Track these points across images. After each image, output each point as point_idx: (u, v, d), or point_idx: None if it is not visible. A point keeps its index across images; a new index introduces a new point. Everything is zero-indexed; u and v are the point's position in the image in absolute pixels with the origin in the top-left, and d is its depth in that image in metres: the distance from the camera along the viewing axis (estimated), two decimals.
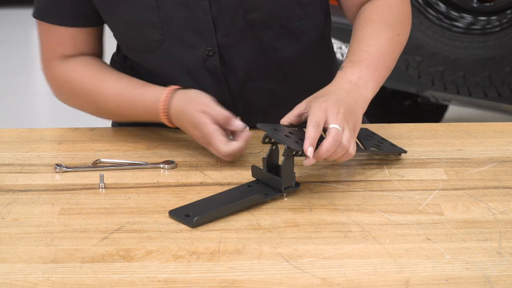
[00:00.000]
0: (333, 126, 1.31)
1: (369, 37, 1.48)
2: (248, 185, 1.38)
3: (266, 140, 1.36)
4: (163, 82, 1.59)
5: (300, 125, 1.38)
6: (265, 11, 1.54)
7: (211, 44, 1.55)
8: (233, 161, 1.46)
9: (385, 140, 1.53)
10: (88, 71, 1.59)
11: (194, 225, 1.26)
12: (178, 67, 1.58)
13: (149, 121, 1.56)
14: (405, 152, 1.50)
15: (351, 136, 1.33)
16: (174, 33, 1.54)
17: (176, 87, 1.51)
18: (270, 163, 1.37)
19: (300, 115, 1.37)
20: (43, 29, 1.63)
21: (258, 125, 1.34)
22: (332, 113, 1.32)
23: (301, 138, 1.32)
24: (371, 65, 1.44)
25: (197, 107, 1.45)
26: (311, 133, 1.30)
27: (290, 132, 1.34)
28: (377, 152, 1.48)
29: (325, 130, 1.32)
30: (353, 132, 1.35)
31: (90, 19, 1.59)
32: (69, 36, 1.61)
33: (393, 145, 1.52)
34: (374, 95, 1.44)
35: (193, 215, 1.28)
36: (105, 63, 1.64)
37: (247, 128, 1.44)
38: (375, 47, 1.46)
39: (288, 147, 1.31)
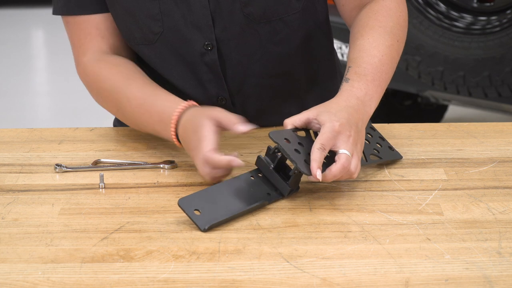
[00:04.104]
0: (343, 151, 1.31)
1: (371, 46, 1.47)
2: (251, 176, 1.38)
3: (276, 150, 1.35)
4: (161, 77, 1.59)
5: (309, 130, 1.38)
6: (261, 5, 1.54)
7: (210, 38, 1.56)
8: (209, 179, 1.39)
9: (384, 139, 1.53)
10: (116, 72, 1.56)
11: (204, 231, 1.26)
12: (177, 61, 1.58)
13: (159, 132, 1.49)
14: (401, 157, 1.51)
15: (358, 162, 1.34)
16: (173, 26, 1.55)
17: (195, 103, 1.47)
18: (280, 162, 1.36)
19: (307, 122, 1.36)
20: (69, 25, 1.61)
21: (270, 135, 1.33)
22: (344, 136, 1.32)
23: (309, 153, 1.32)
24: (376, 79, 1.43)
25: (205, 113, 1.41)
26: (316, 156, 1.29)
27: (299, 143, 1.34)
28: (376, 162, 1.48)
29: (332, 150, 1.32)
30: (360, 155, 1.36)
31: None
32: (95, 25, 1.59)
33: (390, 147, 1.52)
34: (374, 109, 1.44)
35: (202, 214, 1.27)
36: (136, 67, 1.59)
37: (237, 154, 1.38)
38: (377, 58, 1.45)
39: (296, 167, 1.31)
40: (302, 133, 1.37)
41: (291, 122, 1.36)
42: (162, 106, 1.48)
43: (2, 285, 1.13)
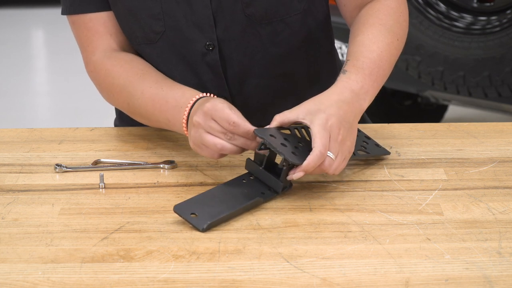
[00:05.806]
0: (328, 154, 1.32)
1: (370, 42, 1.47)
2: (243, 179, 1.38)
3: (262, 146, 1.36)
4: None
5: (292, 128, 1.38)
6: (263, 5, 1.54)
7: (211, 38, 1.56)
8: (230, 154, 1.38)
9: (370, 138, 1.53)
10: (129, 68, 1.55)
11: (203, 231, 1.26)
12: (178, 61, 1.58)
13: (169, 121, 1.48)
14: (389, 153, 1.51)
15: (340, 163, 1.34)
16: (174, 26, 1.55)
17: (212, 95, 1.46)
18: (269, 160, 1.37)
19: (296, 121, 1.36)
20: (77, 25, 1.61)
21: (254, 131, 1.34)
22: (333, 134, 1.32)
23: (296, 147, 1.33)
24: (373, 73, 1.44)
25: (219, 100, 1.40)
26: (314, 160, 1.29)
27: (285, 139, 1.34)
28: (365, 157, 1.48)
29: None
30: (347, 153, 1.35)
31: None
32: (102, 23, 1.59)
33: (377, 145, 1.52)
34: (369, 104, 1.44)
35: (199, 216, 1.28)
36: (148, 63, 1.58)
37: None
38: (376, 53, 1.46)
39: (285, 159, 1.31)
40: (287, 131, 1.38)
41: (280, 120, 1.36)
42: (181, 92, 1.47)
43: (2, 285, 1.13)
